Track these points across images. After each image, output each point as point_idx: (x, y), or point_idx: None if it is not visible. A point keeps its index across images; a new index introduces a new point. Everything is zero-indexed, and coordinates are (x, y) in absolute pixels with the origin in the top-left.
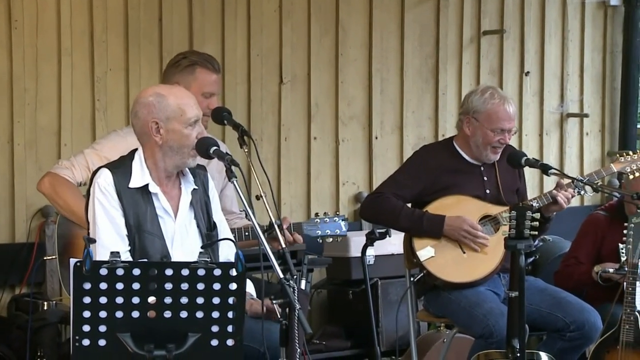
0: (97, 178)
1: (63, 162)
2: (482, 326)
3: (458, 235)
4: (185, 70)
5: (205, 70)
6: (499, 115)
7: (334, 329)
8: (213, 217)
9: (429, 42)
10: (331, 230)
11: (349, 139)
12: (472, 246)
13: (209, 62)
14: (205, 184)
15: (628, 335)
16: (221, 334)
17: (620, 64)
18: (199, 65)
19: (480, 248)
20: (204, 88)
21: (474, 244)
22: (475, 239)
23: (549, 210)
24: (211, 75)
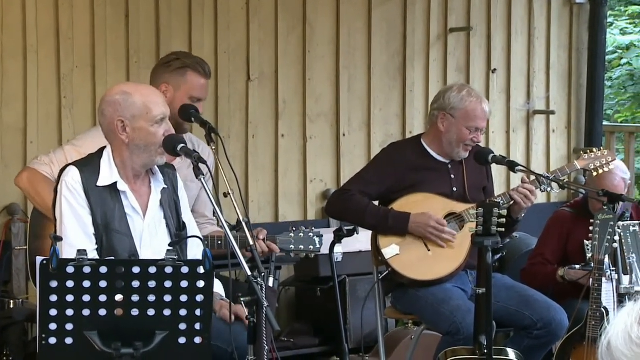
0: (64, 176)
1: (42, 157)
2: (449, 323)
3: (424, 231)
4: (176, 72)
5: (196, 74)
6: (476, 113)
7: (302, 327)
8: (182, 216)
9: (396, 39)
10: (305, 246)
11: (316, 136)
12: (439, 242)
13: (200, 66)
14: (174, 183)
15: (594, 332)
16: (189, 332)
17: (586, 61)
18: (190, 68)
19: (447, 244)
20: (192, 92)
21: (440, 240)
22: (442, 235)
23: (514, 212)
24: (201, 80)
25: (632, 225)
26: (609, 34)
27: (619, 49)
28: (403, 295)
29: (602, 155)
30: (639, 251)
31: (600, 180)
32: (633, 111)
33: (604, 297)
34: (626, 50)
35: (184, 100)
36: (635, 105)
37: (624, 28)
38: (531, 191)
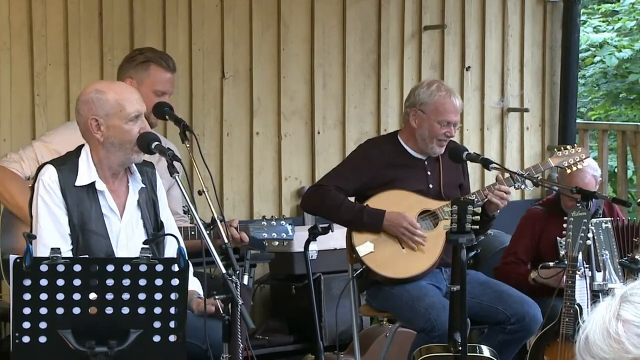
0: (41, 175)
1: (11, 155)
2: (424, 320)
3: (397, 231)
4: (140, 66)
5: (159, 68)
6: (445, 107)
7: (277, 324)
8: (160, 216)
9: (370, 37)
10: (277, 234)
11: (291, 134)
12: (410, 244)
13: (164, 60)
14: (153, 182)
15: (568, 328)
16: (163, 330)
17: (559, 58)
18: (153, 62)
19: (417, 246)
20: (155, 85)
21: (411, 242)
22: (413, 237)
23: (489, 209)
24: (165, 74)
25: (604, 222)
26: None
27: (592, 46)
28: (378, 293)
29: (575, 153)
30: (611, 248)
31: (571, 178)
32: (606, 109)
33: (578, 294)
34: (599, 48)
35: (149, 95)
36: (609, 103)
37: (597, 26)
38: (507, 192)
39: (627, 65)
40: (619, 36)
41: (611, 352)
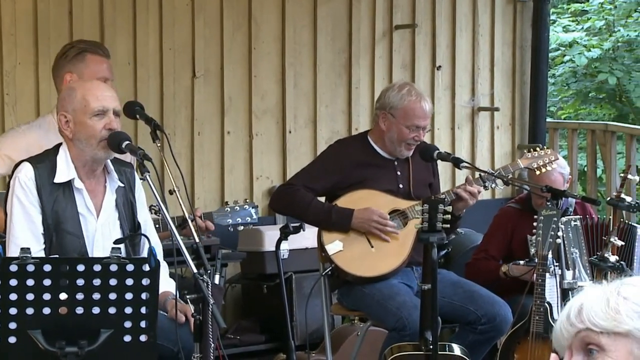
0: (17, 172)
1: None
2: (395, 319)
3: (367, 226)
4: (75, 59)
5: (95, 57)
6: (415, 112)
7: (249, 324)
8: (137, 217)
9: (341, 36)
10: (242, 219)
11: (262, 133)
12: (382, 237)
13: (98, 48)
14: (131, 182)
15: (538, 326)
16: (134, 330)
17: (529, 58)
18: (88, 52)
19: (390, 238)
20: (97, 74)
21: (383, 233)
22: (385, 228)
23: (456, 208)
24: (102, 60)
25: (573, 220)
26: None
27: (562, 46)
28: (349, 292)
29: (545, 154)
30: (580, 246)
31: (539, 175)
32: (576, 108)
33: (548, 293)
34: (569, 47)
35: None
36: (578, 102)
37: (567, 25)
38: (479, 191)
39: (597, 65)
40: (588, 36)
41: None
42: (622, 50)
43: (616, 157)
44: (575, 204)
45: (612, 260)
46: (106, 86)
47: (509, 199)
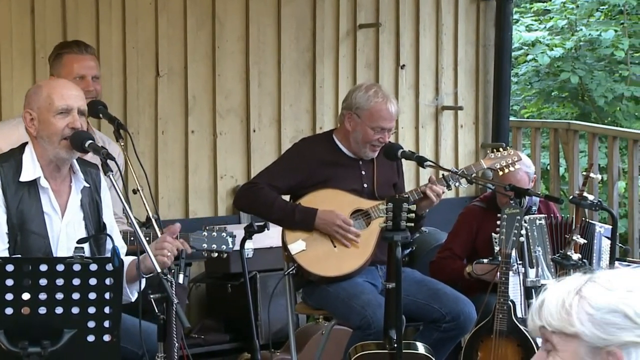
0: None
1: None
2: (360, 317)
3: (330, 229)
4: (55, 62)
5: (71, 56)
6: (380, 114)
7: (213, 323)
8: (103, 218)
9: (305, 36)
10: (217, 246)
11: (226, 132)
12: (343, 242)
13: (75, 46)
14: (97, 183)
15: (501, 325)
16: (98, 330)
17: (492, 57)
18: (65, 52)
19: (351, 244)
20: (73, 72)
21: (345, 239)
22: (347, 235)
23: (420, 208)
24: (77, 59)
25: (538, 219)
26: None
27: (525, 45)
28: (314, 291)
29: (508, 155)
30: (544, 244)
31: (504, 174)
32: (539, 107)
33: (511, 291)
34: (532, 46)
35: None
36: (541, 101)
37: (530, 25)
38: (442, 192)
39: (559, 64)
40: (551, 35)
41: (558, 320)
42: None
43: (578, 155)
44: (539, 202)
45: (574, 258)
46: (73, 85)
47: (473, 197)
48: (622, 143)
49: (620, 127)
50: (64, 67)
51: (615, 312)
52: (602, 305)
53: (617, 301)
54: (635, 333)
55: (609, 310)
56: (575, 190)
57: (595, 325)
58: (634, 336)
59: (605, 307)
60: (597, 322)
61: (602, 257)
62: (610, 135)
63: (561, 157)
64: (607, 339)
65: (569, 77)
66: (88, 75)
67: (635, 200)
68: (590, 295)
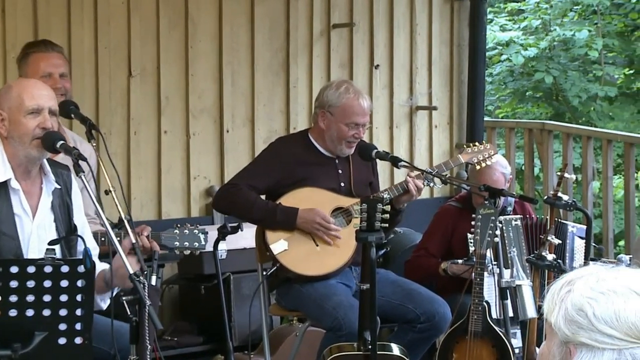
0: None
1: None
2: (331, 319)
3: (311, 227)
4: (22, 62)
5: (38, 54)
6: (353, 109)
7: (186, 325)
8: (74, 219)
9: (279, 36)
10: (190, 243)
11: (199, 133)
12: (325, 239)
13: (42, 45)
14: (68, 184)
15: (476, 325)
16: (69, 332)
17: (467, 57)
18: (32, 52)
19: (333, 241)
20: (40, 70)
21: (326, 236)
22: (328, 232)
23: (399, 202)
24: (43, 57)
25: (513, 220)
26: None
27: (499, 45)
28: (288, 291)
29: (484, 149)
30: (520, 245)
31: (480, 175)
32: (513, 107)
33: (486, 291)
34: (506, 46)
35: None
36: (515, 101)
37: (504, 24)
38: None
39: (533, 64)
40: (525, 35)
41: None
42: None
43: (553, 155)
44: (514, 203)
45: (549, 258)
46: (44, 85)
47: (448, 198)
48: (597, 143)
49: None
50: (31, 66)
51: (581, 311)
52: (575, 302)
53: (586, 300)
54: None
55: (578, 308)
56: (550, 190)
57: (565, 321)
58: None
59: (577, 304)
60: (568, 318)
61: (575, 257)
62: (585, 135)
63: (536, 157)
64: (569, 337)
65: (543, 77)
66: (55, 72)
67: (609, 200)
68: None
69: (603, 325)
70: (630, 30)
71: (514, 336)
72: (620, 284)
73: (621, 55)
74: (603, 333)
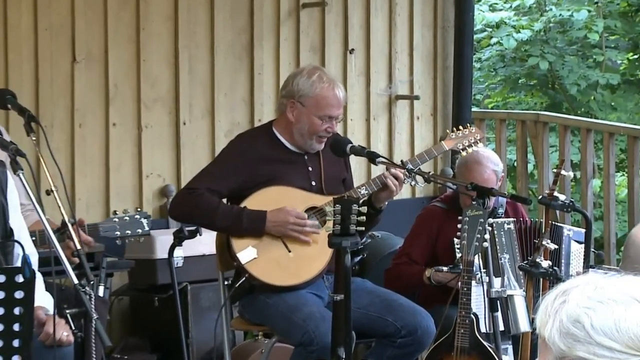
0: None
1: None
2: (301, 333)
3: (284, 229)
4: None
5: None
6: (328, 100)
7: (138, 341)
8: (9, 222)
9: (242, 15)
10: (132, 230)
11: (153, 125)
12: (302, 238)
13: None
14: (3, 182)
15: (463, 341)
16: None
17: (452, 40)
18: None
19: (312, 239)
20: None
21: (302, 235)
22: (304, 229)
23: (379, 199)
24: None
25: (506, 223)
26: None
27: (488, 27)
28: (252, 303)
29: (469, 133)
30: (513, 251)
31: (469, 172)
32: (504, 96)
33: (474, 302)
34: (496, 28)
35: None
36: (507, 89)
37: (494, 4)
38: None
39: (527, 48)
40: (517, 15)
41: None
42: (554, 32)
43: (549, 150)
44: (506, 204)
45: (544, 265)
46: None
47: (432, 198)
48: (597, 136)
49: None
50: None
51: (577, 323)
52: (571, 313)
53: (583, 311)
54: (587, 349)
55: (574, 320)
56: (545, 189)
57: (560, 335)
58: (585, 352)
59: (573, 316)
60: (563, 331)
61: (572, 264)
62: (584, 127)
63: (529, 152)
64: (565, 351)
65: (538, 62)
66: None
67: (611, 200)
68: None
69: (602, 337)
70: (634, 11)
71: (505, 352)
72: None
73: (624, 38)
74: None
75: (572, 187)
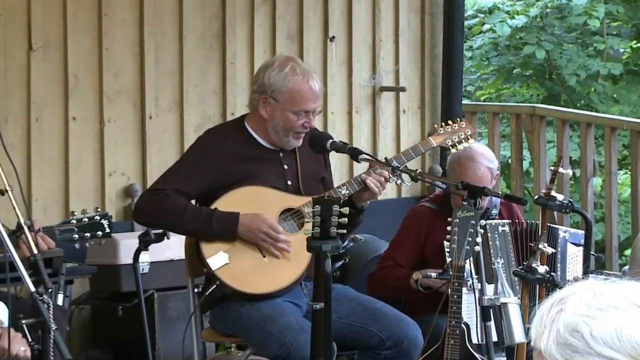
0: None
1: None
2: (277, 345)
3: (255, 237)
4: None
5: None
6: (303, 94)
7: (100, 354)
8: None
9: (213, 0)
10: (91, 233)
11: (116, 119)
12: (272, 251)
13: None
14: None
15: (453, 352)
16: None
17: (441, 27)
18: None
19: (282, 254)
20: None
21: (274, 248)
22: (276, 244)
23: (361, 199)
24: None
25: (500, 225)
26: None
27: (481, 12)
28: (224, 313)
29: (459, 129)
30: (508, 256)
31: (462, 170)
32: (497, 87)
33: (465, 311)
34: (489, 14)
35: None
36: (501, 80)
37: None
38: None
39: (522, 35)
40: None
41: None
42: (551, 18)
43: (546, 146)
44: (500, 204)
45: (540, 271)
46: None
47: (420, 197)
48: (598, 131)
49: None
50: None
51: (576, 332)
52: (569, 322)
53: (581, 319)
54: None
55: (572, 329)
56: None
57: (557, 345)
58: None
59: (571, 325)
60: (560, 342)
61: (568, 269)
62: (584, 121)
63: (525, 148)
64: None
65: (534, 51)
66: None
67: (613, 200)
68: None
69: (602, 347)
70: None
71: None
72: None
73: (627, 25)
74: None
75: (571, 186)
